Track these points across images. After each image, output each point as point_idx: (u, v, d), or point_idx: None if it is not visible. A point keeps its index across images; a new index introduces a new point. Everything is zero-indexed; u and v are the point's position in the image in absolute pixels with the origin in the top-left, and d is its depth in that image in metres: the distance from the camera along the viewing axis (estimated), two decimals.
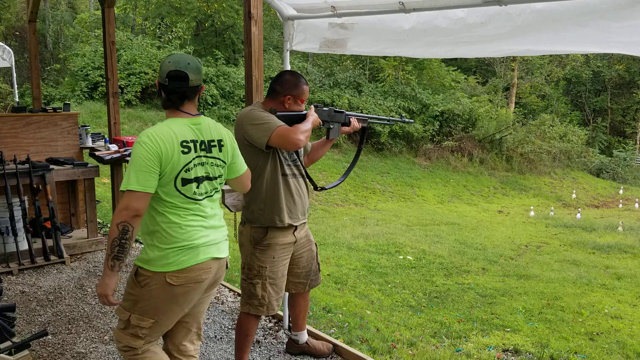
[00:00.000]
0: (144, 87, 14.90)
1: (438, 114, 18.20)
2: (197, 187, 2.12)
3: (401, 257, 7.32)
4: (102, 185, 9.12)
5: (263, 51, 3.87)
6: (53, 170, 4.79)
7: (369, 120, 3.05)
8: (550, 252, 8.58)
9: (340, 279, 5.85)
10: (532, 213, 13.29)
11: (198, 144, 2.12)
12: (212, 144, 2.17)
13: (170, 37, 17.91)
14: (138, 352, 2.18)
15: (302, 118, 2.62)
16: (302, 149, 2.84)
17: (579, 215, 13.00)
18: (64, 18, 22.85)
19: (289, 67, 3.24)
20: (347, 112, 2.91)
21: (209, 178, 2.16)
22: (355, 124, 2.94)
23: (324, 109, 2.79)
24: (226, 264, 2.31)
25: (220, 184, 2.25)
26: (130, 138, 5.41)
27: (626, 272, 7.21)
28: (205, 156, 2.14)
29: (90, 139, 5.75)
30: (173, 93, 2.10)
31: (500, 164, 18.87)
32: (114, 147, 5.33)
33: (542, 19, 2.27)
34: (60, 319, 3.67)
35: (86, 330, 3.53)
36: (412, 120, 3.31)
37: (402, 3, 2.63)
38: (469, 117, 18.92)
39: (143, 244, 2.18)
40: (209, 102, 15.56)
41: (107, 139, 5.73)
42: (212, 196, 2.21)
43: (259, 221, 2.67)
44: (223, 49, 19.23)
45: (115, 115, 5.67)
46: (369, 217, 10.97)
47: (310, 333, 3.34)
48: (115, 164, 5.33)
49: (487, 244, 8.80)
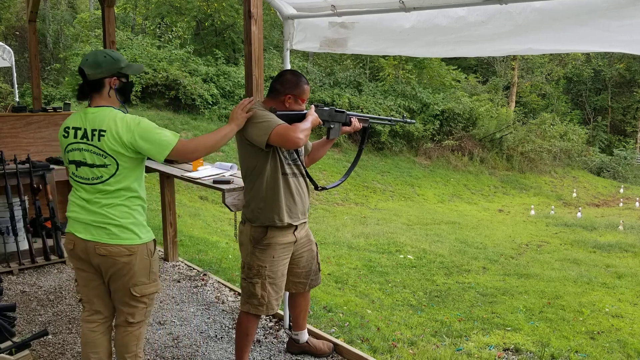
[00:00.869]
0: (144, 86, 14.89)
1: (438, 113, 18.19)
2: (76, 170, 2.34)
3: (402, 256, 7.32)
4: None
5: (263, 50, 3.87)
6: (53, 170, 4.78)
7: (370, 121, 3.03)
8: (550, 251, 8.58)
9: (341, 278, 5.85)
10: (532, 212, 13.29)
11: (81, 132, 2.31)
12: (94, 132, 2.29)
13: (170, 36, 17.91)
14: None
15: (302, 117, 2.61)
16: (303, 149, 2.83)
17: (579, 214, 12.99)
18: (64, 18, 22.90)
19: (289, 67, 3.23)
20: (348, 112, 2.90)
21: (86, 164, 2.30)
22: (356, 123, 2.93)
23: (325, 108, 2.78)
24: (110, 257, 2.31)
25: (108, 174, 2.29)
26: None
27: (627, 271, 7.21)
28: (83, 143, 2.30)
29: None
30: (79, 86, 2.38)
31: (500, 163, 18.86)
32: None
33: (543, 17, 2.26)
34: (60, 319, 3.66)
35: None
36: (414, 121, 3.30)
37: (403, 2, 2.62)
38: (469, 116, 18.91)
39: None
40: (209, 101, 15.56)
41: None
42: (95, 185, 2.30)
43: (258, 220, 2.66)
44: (223, 49, 19.24)
45: None
46: (369, 217, 10.97)
47: (310, 332, 3.34)
48: None
49: (488, 243, 8.80)
